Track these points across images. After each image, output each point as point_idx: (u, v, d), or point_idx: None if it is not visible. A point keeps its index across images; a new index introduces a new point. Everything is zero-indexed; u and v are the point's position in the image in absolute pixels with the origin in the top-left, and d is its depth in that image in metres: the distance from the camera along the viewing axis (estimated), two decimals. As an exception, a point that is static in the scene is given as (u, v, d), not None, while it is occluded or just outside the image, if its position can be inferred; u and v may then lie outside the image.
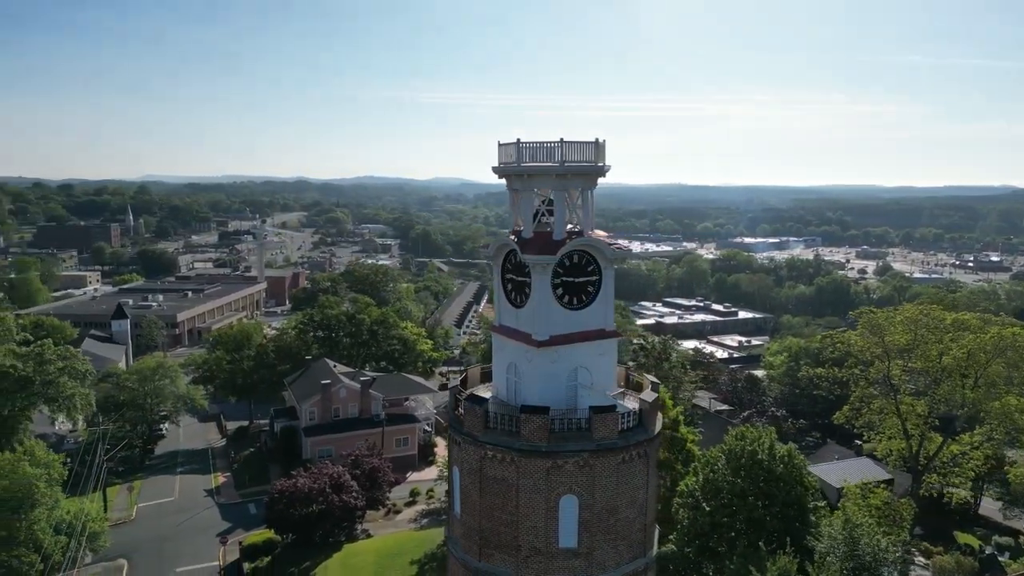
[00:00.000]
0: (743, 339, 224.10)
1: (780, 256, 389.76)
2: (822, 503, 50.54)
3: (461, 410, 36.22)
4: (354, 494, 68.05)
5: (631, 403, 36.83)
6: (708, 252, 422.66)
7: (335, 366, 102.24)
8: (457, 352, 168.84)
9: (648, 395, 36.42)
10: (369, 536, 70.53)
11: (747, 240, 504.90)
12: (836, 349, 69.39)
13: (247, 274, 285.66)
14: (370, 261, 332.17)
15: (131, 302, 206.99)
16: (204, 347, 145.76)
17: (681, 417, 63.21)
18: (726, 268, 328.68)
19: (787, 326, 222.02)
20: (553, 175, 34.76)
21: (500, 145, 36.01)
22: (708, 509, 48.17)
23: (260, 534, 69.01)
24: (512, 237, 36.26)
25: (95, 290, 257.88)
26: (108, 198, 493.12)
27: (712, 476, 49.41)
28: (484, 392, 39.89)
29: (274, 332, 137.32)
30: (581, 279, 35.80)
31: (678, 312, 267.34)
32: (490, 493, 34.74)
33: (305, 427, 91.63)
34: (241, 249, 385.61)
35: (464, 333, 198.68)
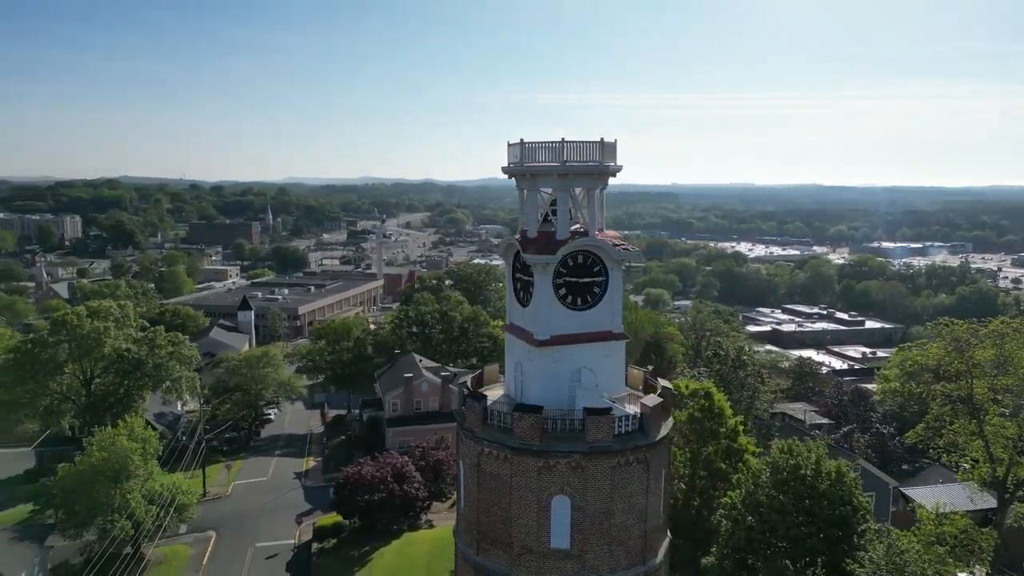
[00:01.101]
0: (867, 350, 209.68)
1: (919, 262, 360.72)
2: (875, 525, 46.94)
3: (464, 406, 36.98)
4: (416, 485, 70.33)
5: (635, 408, 36.13)
6: (839, 257, 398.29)
7: (420, 360, 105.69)
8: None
9: (651, 399, 35.58)
10: (432, 527, 72.62)
11: (884, 245, 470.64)
12: (913, 363, 63.83)
13: (367, 271, 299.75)
14: (482, 261, 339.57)
15: (259, 295, 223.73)
16: (306, 339, 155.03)
17: (741, 427, 60.63)
18: (855, 274, 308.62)
19: (917, 338, 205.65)
20: (555, 175, 34.82)
21: (508, 145, 36.45)
22: (747, 524, 46.12)
23: (331, 517, 72.80)
24: (517, 237, 36.60)
25: (233, 283, 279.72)
26: (252, 198, 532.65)
27: (753, 489, 47.24)
28: (499, 390, 40.47)
29: (374, 327, 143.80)
30: (586, 280, 35.59)
31: (798, 320, 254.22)
32: (486, 489, 35.27)
33: (388, 418, 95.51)
34: (365, 247, 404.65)
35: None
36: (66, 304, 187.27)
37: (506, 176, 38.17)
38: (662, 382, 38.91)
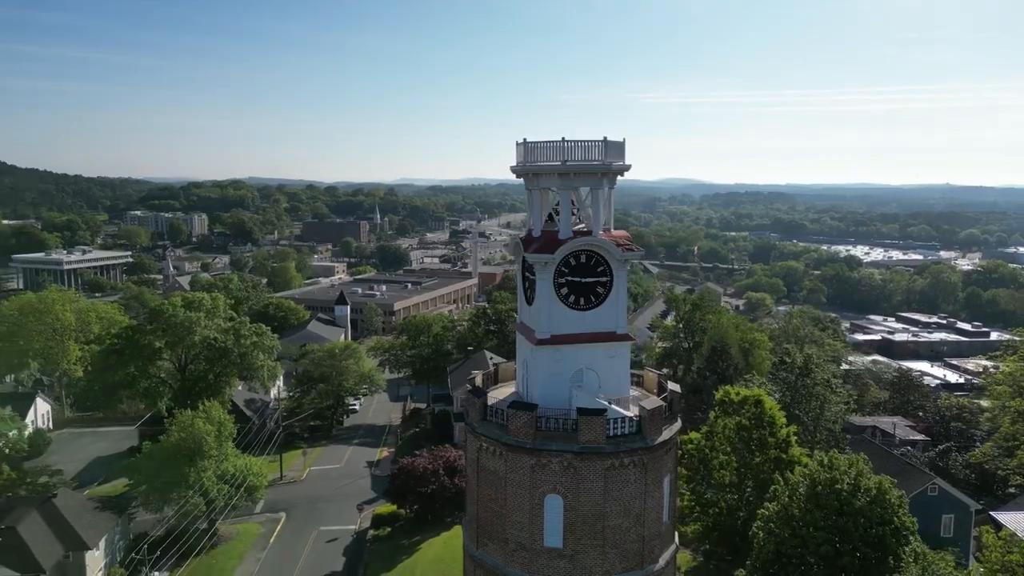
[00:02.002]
0: (991, 364, 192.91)
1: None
2: (919, 548, 43.77)
3: (466, 401, 37.66)
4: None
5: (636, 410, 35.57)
6: (967, 263, 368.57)
7: (491, 358, 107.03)
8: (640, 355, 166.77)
9: (651, 402, 34.94)
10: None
11: (1023, 250, 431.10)
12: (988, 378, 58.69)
13: (463, 269, 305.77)
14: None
15: (359, 291, 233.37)
16: (391, 333, 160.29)
17: (794, 438, 57.99)
18: (983, 281, 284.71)
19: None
20: (555, 174, 34.87)
21: (517, 144, 36.79)
22: (778, 537, 44.26)
23: (388, 507, 75.40)
24: (522, 235, 36.89)
25: (338, 279, 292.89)
26: (363, 198, 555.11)
27: (788, 502, 45.25)
28: (512, 387, 40.88)
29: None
30: (589, 279, 35.41)
31: (913, 329, 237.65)
32: (484, 484, 35.83)
33: (456, 413, 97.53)
34: (465, 246, 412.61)
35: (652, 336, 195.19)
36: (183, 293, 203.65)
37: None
38: (671, 386, 38.07)
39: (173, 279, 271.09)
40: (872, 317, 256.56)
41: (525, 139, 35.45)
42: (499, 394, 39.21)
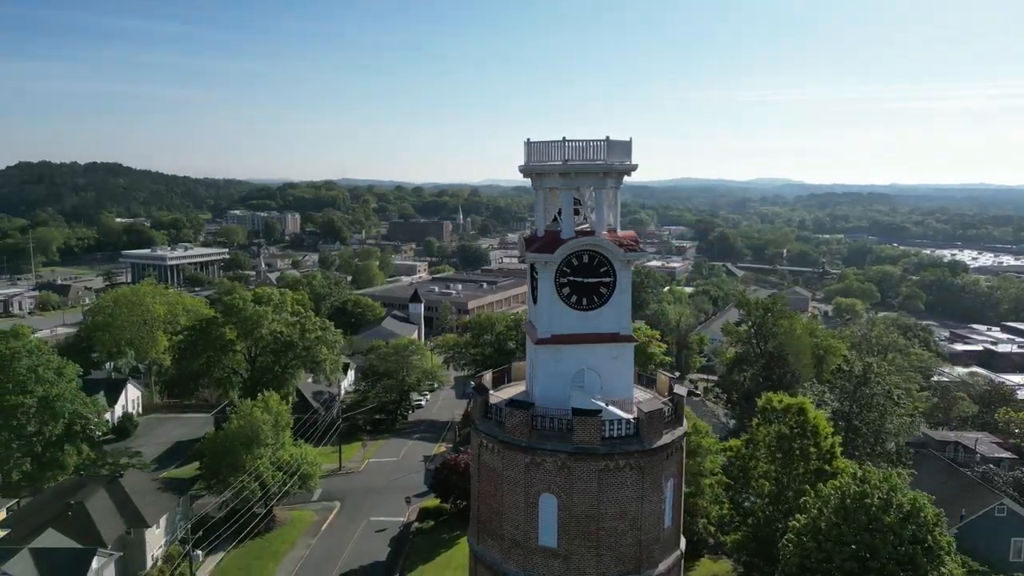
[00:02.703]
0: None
1: None
2: (958, 571, 41.05)
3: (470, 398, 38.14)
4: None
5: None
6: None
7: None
8: (713, 360, 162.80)
9: (649, 405, 34.40)
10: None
11: None
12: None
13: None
14: (657, 263, 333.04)
15: (436, 289, 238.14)
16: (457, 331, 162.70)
17: (838, 449, 55.44)
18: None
19: None
20: (556, 174, 34.89)
21: (524, 144, 36.99)
22: (803, 551, 42.56)
23: (434, 501, 76.96)
24: (527, 234, 37.07)
25: (419, 278, 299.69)
26: (447, 199, 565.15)
27: (817, 515, 43.42)
28: (523, 386, 41.08)
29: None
30: (591, 280, 35.25)
31: (1019, 340, 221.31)
32: (484, 480, 36.24)
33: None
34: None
35: (723, 341, 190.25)
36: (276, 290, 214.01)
37: (691, 176, 38.49)
38: (677, 389, 37.33)
39: (264, 275, 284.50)
40: (975, 326, 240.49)
41: (529, 139, 35.66)
42: (508, 392, 39.49)
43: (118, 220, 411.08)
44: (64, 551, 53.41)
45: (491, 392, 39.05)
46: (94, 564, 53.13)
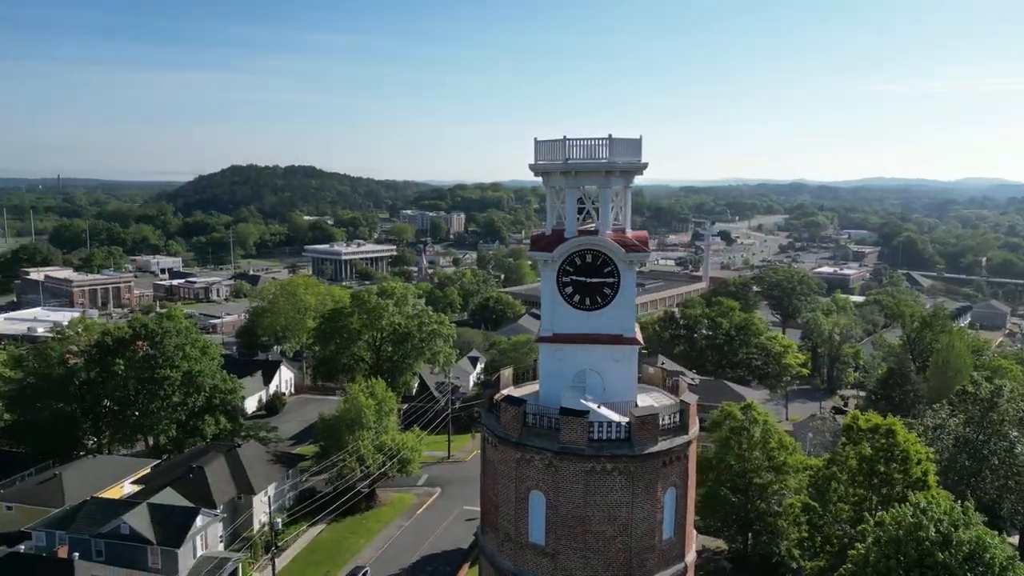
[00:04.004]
0: None
1: None
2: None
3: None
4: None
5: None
6: None
7: (663, 364, 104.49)
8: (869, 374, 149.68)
9: (643, 410, 33.37)
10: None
11: None
12: None
13: (694, 273, 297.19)
14: (829, 269, 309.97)
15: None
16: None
17: (932, 477, 49.67)
18: None
19: None
20: (558, 172, 34.88)
21: (534, 143, 37.19)
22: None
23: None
24: (535, 233, 37.28)
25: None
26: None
27: (869, 546, 39.54)
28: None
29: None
30: (595, 280, 34.92)
31: None
32: (486, 473, 37.07)
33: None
34: (703, 249, 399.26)
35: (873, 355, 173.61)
36: (430, 285, 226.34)
37: (884, 175, 38.47)
38: (685, 396, 35.78)
39: (425, 272, 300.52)
40: None
41: (535, 138, 35.92)
42: (528, 389, 39.90)
43: (305, 218, 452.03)
44: (174, 508, 60.92)
45: (512, 388, 39.76)
46: (198, 522, 60.07)
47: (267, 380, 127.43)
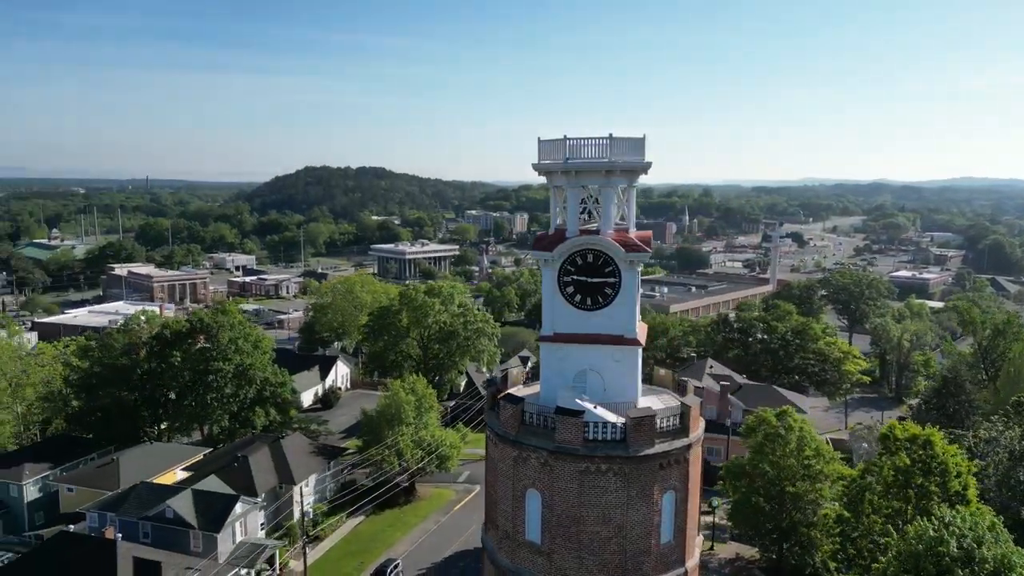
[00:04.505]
0: None
1: None
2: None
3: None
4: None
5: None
6: None
7: (711, 367, 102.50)
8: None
9: (640, 412, 32.95)
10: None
11: None
12: None
13: (760, 276, 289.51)
14: (907, 274, 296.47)
15: (641, 291, 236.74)
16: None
17: (973, 492, 47.12)
18: None
19: None
20: (559, 172, 34.85)
21: (537, 142, 37.17)
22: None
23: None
24: (540, 232, 37.30)
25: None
26: (676, 200, 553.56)
27: (888, 560, 37.91)
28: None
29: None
30: (596, 279, 34.75)
31: None
32: (489, 470, 37.33)
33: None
34: (772, 250, 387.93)
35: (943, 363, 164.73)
36: (489, 284, 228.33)
37: (973, 175, 38.18)
38: (687, 399, 35.12)
39: (486, 271, 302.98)
40: None
41: (539, 138, 35.93)
42: (533, 389, 39.93)
43: (373, 217, 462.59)
44: (216, 495, 63.61)
45: (521, 387, 39.94)
46: (237, 509, 62.57)
47: (324, 375, 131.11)
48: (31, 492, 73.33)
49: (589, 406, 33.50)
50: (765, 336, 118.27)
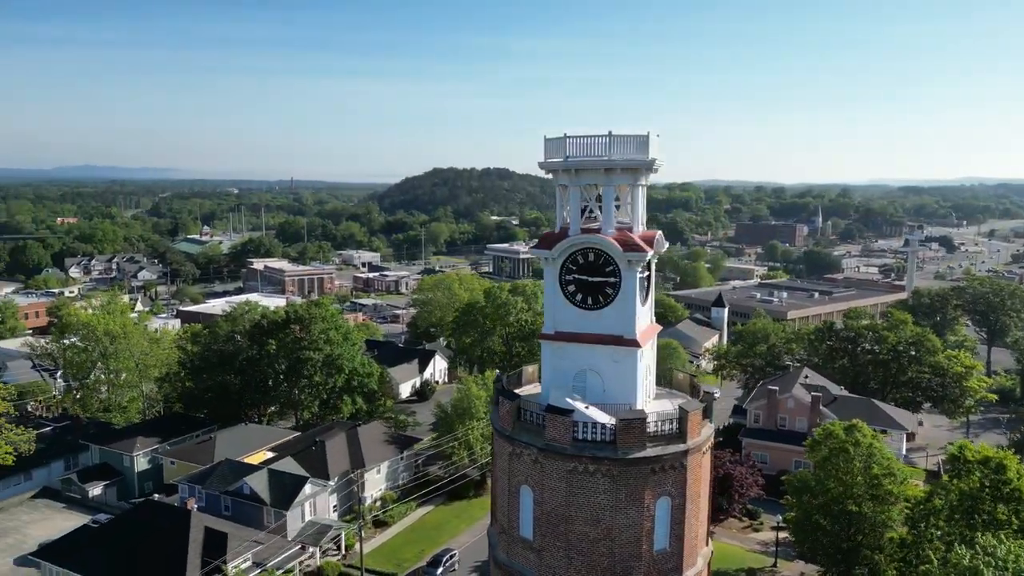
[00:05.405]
0: None
1: None
2: None
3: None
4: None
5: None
6: None
7: (807, 377, 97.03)
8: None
9: (631, 414, 32.23)
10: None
11: None
12: None
13: (896, 282, 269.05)
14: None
15: (757, 295, 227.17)
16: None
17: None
18: None
19: None
20: (560, 171, 34.72)
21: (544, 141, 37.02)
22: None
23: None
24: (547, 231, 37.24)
25: (753, 282, 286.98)
26: (810, 200, 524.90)
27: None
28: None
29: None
30: (597, 279, 34.42)
31: None
32: (495, 466, 37.72)
33: (748, 427, 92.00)
34: (920, 256, 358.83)
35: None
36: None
37: None
38: (684, 405, 33.86)
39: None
40: None
41: (545, 136, 35.89)
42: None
43: (492, 218, 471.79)
44: (288, 475, 67.93)
45: (535, 384, 40.12)
46: (306, 489, 66.56)
47: (422, 368, 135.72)
48: (141, 463, 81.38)
49: (580, 406, 33.22)
50: (875, 346, 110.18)
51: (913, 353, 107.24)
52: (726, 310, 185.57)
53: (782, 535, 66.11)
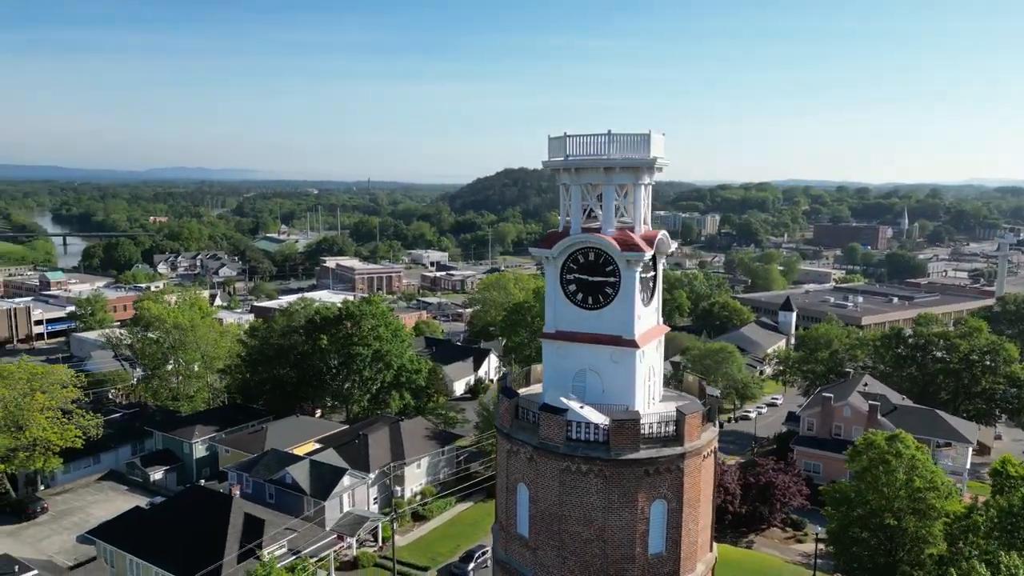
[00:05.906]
0: None
1: None
2: None
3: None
4: (727, 498, 67.14)
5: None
6: None
7: (866, 385, 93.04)
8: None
9: (624, 414, 31.83)
10: (749, 548, 68.06)
11: None
12: None
13: (985, 288, 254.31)
14: None
15: (831, 300, 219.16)
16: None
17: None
18: None
19: None
20: (561, 169, 34.63)
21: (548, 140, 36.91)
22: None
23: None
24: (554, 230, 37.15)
25: (829, 286, 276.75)
26: (895, 201, 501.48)
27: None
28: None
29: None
30: (597, 278, 34.17)
31: None
32: (499, 464, 37.92)
33: (800, 435, 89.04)
34: (1014, 261, 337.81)
35: None
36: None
37: None
38: (682, 407, 33.11)
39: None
40: None
41: (549, 135, 35.83)
42: (559, 386, 39.83)
43: (559, 218, 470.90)
44: (328, 466, 69.97)
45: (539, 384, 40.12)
46: (344, 481, 68.42)
47: (476, 366, 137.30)
48: (199, 450, 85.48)
49: (574, 405, 33.04)
50: (945, 355, 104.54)
51: (988, 363, 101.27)
52: (794, 314, 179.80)
53: (822, 547, 63.68)
